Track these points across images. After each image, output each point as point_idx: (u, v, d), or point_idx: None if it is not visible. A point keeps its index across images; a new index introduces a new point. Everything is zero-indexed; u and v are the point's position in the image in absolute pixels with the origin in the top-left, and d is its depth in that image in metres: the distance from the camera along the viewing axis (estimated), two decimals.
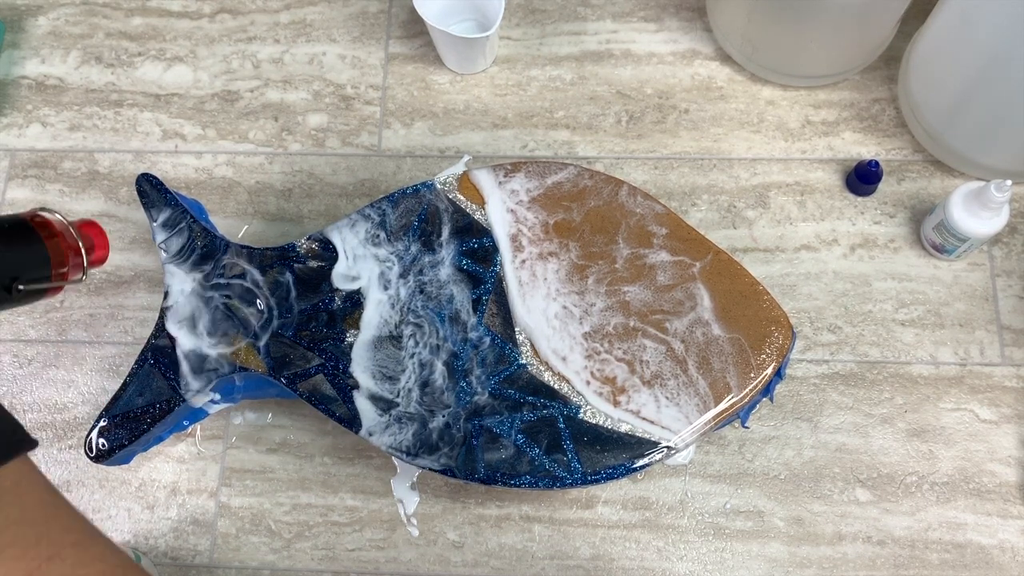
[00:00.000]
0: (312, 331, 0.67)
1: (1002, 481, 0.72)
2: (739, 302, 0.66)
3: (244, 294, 0.69)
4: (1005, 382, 0.74)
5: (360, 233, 0.69)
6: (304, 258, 0.69)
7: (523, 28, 0.87)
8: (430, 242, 0.69)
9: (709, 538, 0.72)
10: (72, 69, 0.89)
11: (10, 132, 0.87)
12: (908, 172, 0.80)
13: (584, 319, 0.66)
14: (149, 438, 0.69)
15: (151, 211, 0.71)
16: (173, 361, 0.68)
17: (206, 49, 0.89)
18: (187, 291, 0.69)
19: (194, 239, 0.70)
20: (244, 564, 0.73)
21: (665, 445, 0.63)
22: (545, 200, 0.69)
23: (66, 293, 0.81)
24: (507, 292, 0.67)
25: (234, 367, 0.67)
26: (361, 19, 0.89)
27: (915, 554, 0.71)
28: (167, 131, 0.86)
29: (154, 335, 0.69)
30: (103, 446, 0.67)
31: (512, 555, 0.72)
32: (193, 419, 0.73)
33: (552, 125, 0.84)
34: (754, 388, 0.64)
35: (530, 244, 0.68)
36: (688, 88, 0.84)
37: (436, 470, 0.64)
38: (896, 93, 0.83)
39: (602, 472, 0.63)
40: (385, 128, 0.85)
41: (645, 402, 0.64)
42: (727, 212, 0.80)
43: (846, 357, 0.76)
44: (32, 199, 0.84)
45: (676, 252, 0.68)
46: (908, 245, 0.78)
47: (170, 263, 0.70)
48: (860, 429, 0.74)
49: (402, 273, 0.68)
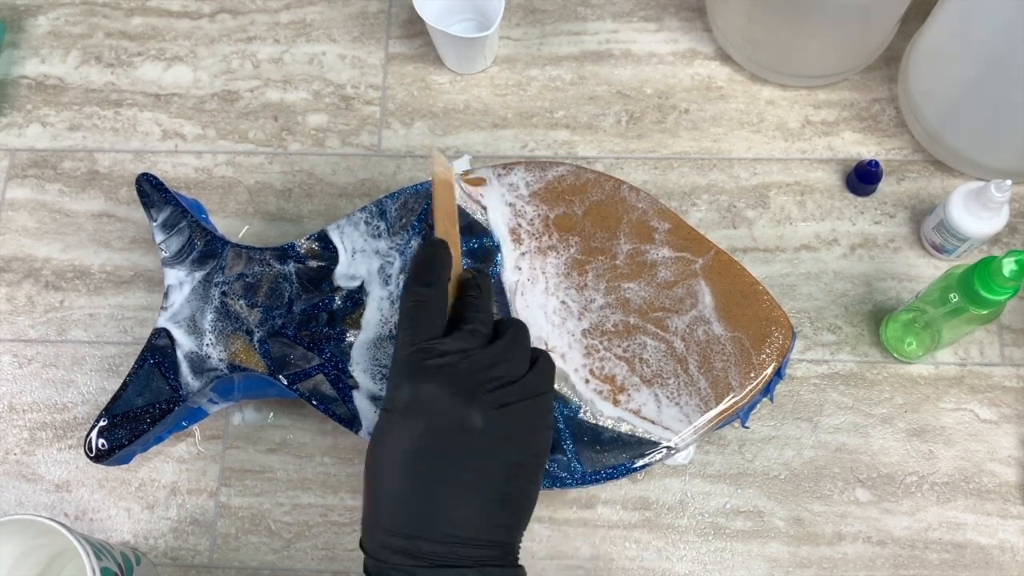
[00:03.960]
0: (312, 331, 0.67)
1: (1002, 481, 0.72)
2: (739, 302, 0.66)
3: (244, 294, 0.69)
4: (1005, 382, 0.74)
5: (361, 228, 0.69)
6: (304, 258, 0.69)
7: (523, 28, 0.87)
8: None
9: (709, 538, 0.72)
10: (72, 69, 0.89)
11: (10, 132, 0.87)
12: (908, 172, 0.80)
13: (583, 315, 0.66)
14: (149, 438, 0.69)
15: (151, 211, 0.71)
16: (173, 361, 0.68)
17: (206, 49, 0.89)
18: (187, 291, 0.69)
19: (194, 239, 0.70)
20: (244, 564, 0.73)
21: (666, 445, 0.63)
22: (546, 194, 0.69)
23: (66, 293, 0.81)
24: (504, 287, 0.67)
25: (234, 367, 0.67)
26: (361, 19, 0.89)
27: (915, 554, 0.71)
28: (167, 131, 0.86)
29: (153, 335, 0.69)
30: (103, 446, 0.67)
31: None
32: (193, 419, 0.73)
33: (552, 125, 0.84)
34: (755, 388, 0.64)
35: (529, 238, 0.68)
36: (688, 88, 0.84)
37: None
38: (896, 93, 0.83)
39: (602, 472, 0.63)
40: (385, 128, 0.85)
41: (645, 401, 0.64)
42: (727, 212, 0.80)
43: (846, 357, 0.76)
44: (32, 199, 0.84)
45: (678, 248, 0.67)
46: (908, 245, 0.78)
47: (170, 263, 0.70)
48: (860, 429, 0.74)
49: (403, 268, 0.68)
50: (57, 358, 0.79)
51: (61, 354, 0.79)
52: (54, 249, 0.82)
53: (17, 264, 0.82)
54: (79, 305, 0.81)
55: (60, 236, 0.83)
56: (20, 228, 0.83)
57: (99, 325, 0.80)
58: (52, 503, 0.75)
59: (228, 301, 0.68)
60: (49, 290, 0.81)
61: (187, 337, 0.68)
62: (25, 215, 0.84)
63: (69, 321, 0.80)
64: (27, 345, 0.80)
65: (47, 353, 0.80)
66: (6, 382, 0.79)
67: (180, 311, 0.69)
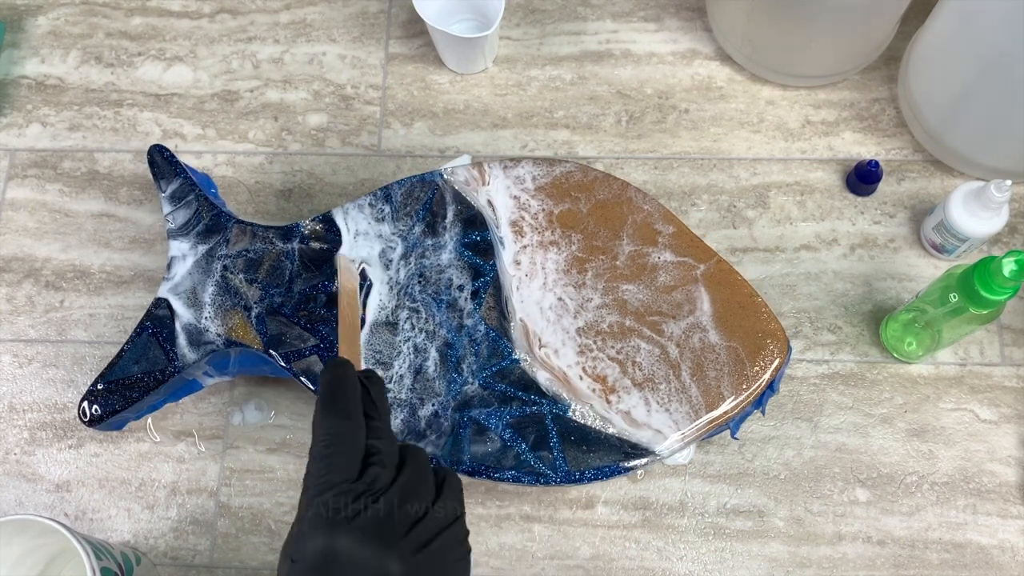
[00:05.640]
0: (310, 311, 0.68)
1: (1002, 481, 0.72)
2: (737, 312, 0.66)
3: (245, 270, 0.69)
4: (1005, 382, 0.74)
5: (366, 211, 0.70)
6: (308, 238, 0.70)
7: (523, 28, 0.87)
8: (434, 229, 0.69)
9: (709, 538, 0.72)
10: (72, 69, 0.89)
11: (10, 132, 0.87)
12: (908, 172, 0.80)
13: (579, 314, 0.66)
14: (142, 406, 0.70)
15: (160, 182, 0.72)
16: (171, 332, 0.69)
17: (206, 49, 0.89)
18: (189, 263, 0.70)
19: (200, 212, 0.71)
20: (244, 564, 0.73)
21: (652, 451, 0.63)
22: (552, 189, 0.69)
23: (66, 293, 0.81)
24: (502, 279, 0.67)
25: (230, 342, 0.68)
26: (361, 19, 0.89)
27: (915, 554, 0.71)
28: (167, 131, 0.86)
29: (154, 305, 0.69)
30: (96, 411, 0.68)
31: (512, 555, 0.72)
32: (187, 391, 0.74)
33: (552, 125, 0.84)
34: (747, 399, 0.64)
35: (532, 231, 0.68)
36: (688, 88, 0.84)
37: None
38: (896, 93, 0.83)
39: (587, 472, 0.63)
40: (385, 128, 0.85)
41: (635, 404, 0.64)
42: (727, 212, 0.80)
43: (846, 357, 0.76)
44: (32, 199, 0.84)
45: (681, 252, 0.67)
46: (908, 245, 0.78)
47: (175, 234, 0.71)
48: (860, 429, 0.74)
49: (404, 254, 0.68)
50: (57, 358, 0.79)
51: (61, 354, 0.79)
52: (54, 249, 0.82)
53: (17, 264, 0.82)
54: (79, 305, 0.81)
55: (60, 236, 0.83)
56: (20, 228, 0.83)
57: (99, 325, 0.80)
58: (52, 503, 0.75)
59: (229, 276, 0.69)
60: (49, 290, 0.81)
61: (186, 309, 0.69)
62: (25, 215, 0.84)
63: (69, 321, 0.80)
64: (27, 345, 0.80)
65: (47, 353, 0.80)
66: (6, 382, 0.79)
67: (181, 283, 0.69)
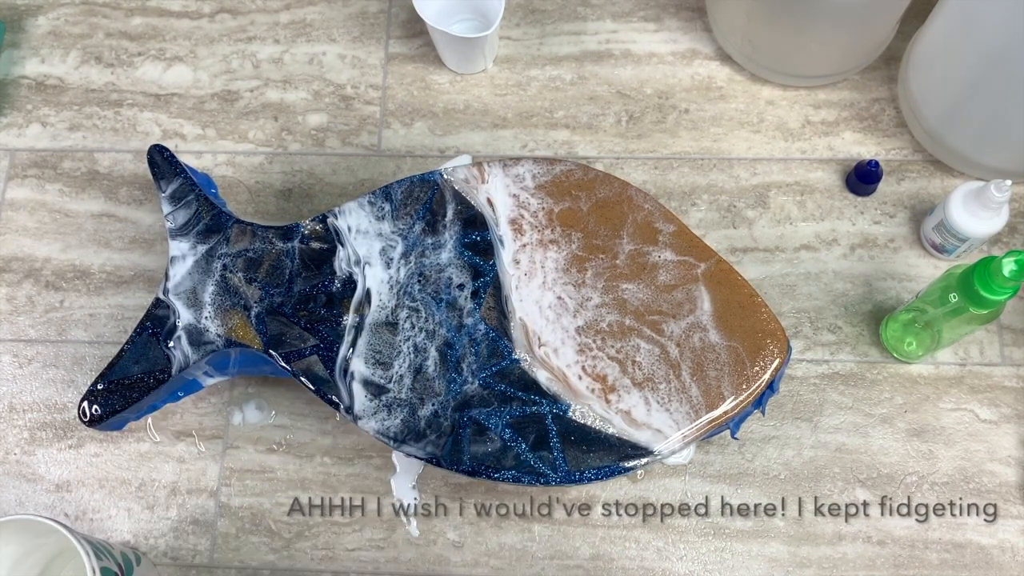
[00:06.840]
0: (310, 311, 0.67)
1: (1002, 481, 0.72)
2: (737, 312, 0.66)
3: (245, 270, 0.69)
4: (1005, 382, 0.74)
5: (366, 208, 0.70)
6: (308, 239, 0.70)
7: (523, 28, 0.87)
8: (434, 228, 0.69)
9: (709, 538, 0.72)
10: (72, 69, 0.89)
11: (10, 132, 0.87)
12: (908, 172, 0.80)
13: (579, 313, 0.66)
14: (142, 406, 0.70)
15: (160, 182, 0.72)
16: (171, 332, 0.68)
17: (206, 49, 0.89)
18: (189, 263, 0.70)
19: (200, 212, 0.71)
20: (244, 564, 0.73)
21: (651, 451, 0.63)
22: (552, 187, 0.69)
23: (66, 293, 0.81)
24: (501, 278, 0.67)
25: (230, 342, 0.67)
26: (361, 19, 0.89)
27: (915, 554, 0.71)
28: (167, 131, 0.86)
29: (154, 305, 0.69)
30: (96, 411, 0.68)
31: (512, 555, 0.72)
32: (187, 391, 0.74)
33: (552, 125, 0.84)
34: (747, 399, 0.64)
35: (531, 230, 0.68)
36: (688, 88, 0.84)
37: (422, 458, 0.64)
38: (896, 93, 0.83)
39: (587, 472, 0.62)
40: (385, 128, 0.85)
41: (635, 404, 0.64)
42: (727, 212, 0.80)
43: (846, 357, 0.76)
44: (32, 199, 0.84)
45: (682, 251, 0.67)
46: (908, 245, 0.78)
47: (175, 234, 0.71)
48: (860, 429, 0.74)
49: (404, 253, 0.68)
50: (57, 358, 0.79)
51: (61, 354, 0.79)
52: (54, 249, 0.82)
53: (17, 264, 0.82)
54: (79, 305, 0.81)
55: (60, 236, 0.83)
56: (20, 228, 0.83)
57: (99, 325, 0.80)
58: (52, 503, 0.75)
59: (228, 276, 0.69)
60: (49, 290, 0.81)
61: (187, 309, 0.69)
62: (25, 215, 0.84)
63: (69, 321, 0.80)
64: (27, 345, 0.80)
65: (47, 353, 0.80)
66: (6, 382, 0.79)
67: (182, 283, 0.69)
